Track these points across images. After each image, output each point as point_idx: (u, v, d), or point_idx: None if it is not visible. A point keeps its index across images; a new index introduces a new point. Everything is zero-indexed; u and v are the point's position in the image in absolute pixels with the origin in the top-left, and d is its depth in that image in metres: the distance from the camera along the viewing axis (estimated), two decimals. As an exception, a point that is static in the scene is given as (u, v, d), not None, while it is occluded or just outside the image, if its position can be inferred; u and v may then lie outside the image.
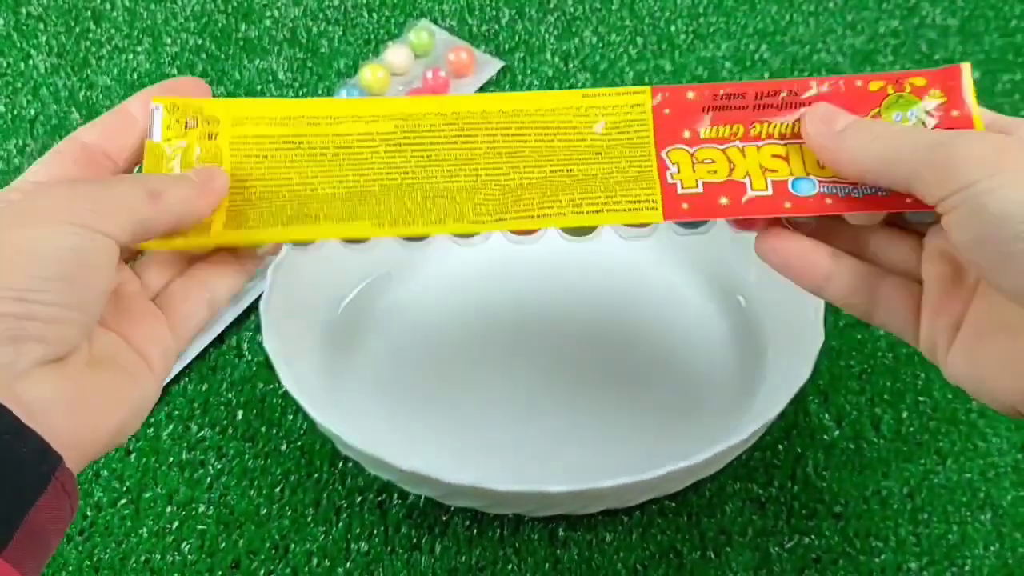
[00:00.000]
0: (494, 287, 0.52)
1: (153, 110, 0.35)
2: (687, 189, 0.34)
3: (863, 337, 0.51)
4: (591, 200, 0.34)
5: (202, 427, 0.49)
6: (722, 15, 0.68)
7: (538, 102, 0.36)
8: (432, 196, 0.35)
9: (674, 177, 0.34)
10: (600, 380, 0.49)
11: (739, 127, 0.35)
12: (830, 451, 0.47)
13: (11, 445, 0.27)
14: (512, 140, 0.35)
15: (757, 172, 0.34)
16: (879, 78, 0.35)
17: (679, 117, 0.35)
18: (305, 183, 0.35)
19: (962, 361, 0.32)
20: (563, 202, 0.34)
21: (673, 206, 0.34)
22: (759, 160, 0.34)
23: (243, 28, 0.68)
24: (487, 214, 0.34)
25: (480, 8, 0.69)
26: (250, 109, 0.36)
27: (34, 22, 0.69)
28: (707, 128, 0.35)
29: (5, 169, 0.60)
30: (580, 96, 0.36)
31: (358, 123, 0.36)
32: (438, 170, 0.35)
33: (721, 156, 0.35)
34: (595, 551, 0.44)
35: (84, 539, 0.45)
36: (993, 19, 0.67)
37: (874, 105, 0.34)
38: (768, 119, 0.35)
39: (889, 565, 0.44)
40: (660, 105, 0.35)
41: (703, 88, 0.35)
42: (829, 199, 0.33)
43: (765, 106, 0.35)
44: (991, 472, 0.46)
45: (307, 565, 0.44)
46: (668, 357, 0.50)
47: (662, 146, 0.35)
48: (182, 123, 0.35)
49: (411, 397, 0.48)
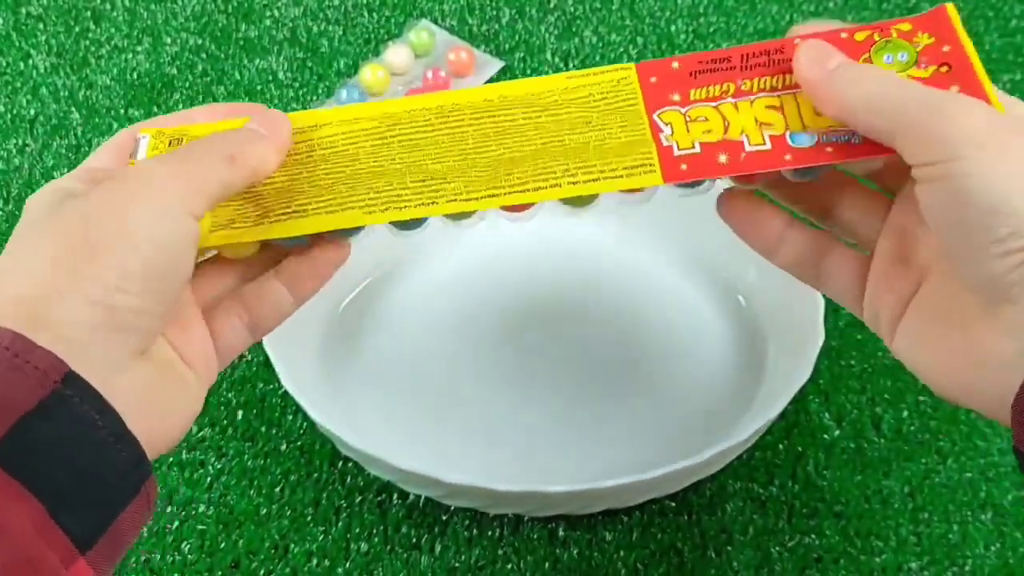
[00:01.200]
0: (494, 288, 0.52)
1: (139, 139, 0.35)
2: (684, 150, 0.33)
3: (863, 337, 0.51)
4: (586, 169, 0.34)
5: (202, 427, 0.49)
6: (722, 15, 0.68)
7: (524, 88, 0.36)
8: (422, 178, 0.34)
9: (669, 139, 0.34)
10: (600, 380, 0.49)
11: (729, 84, 0.34)
12: (831, 451, 0.47)
13: (113, 448, 0.26)
14: (500, 119, 0.35)
15: (753, 127, 0.34)
16: (863, 28, 0.34)
17: (666, 83, 0.35)
18: (291, 180, 0.35)
19: (908, 344, 0.31)
20: (558, 173, 0.34)
21: (671, 167, 0.33)
22: (754, 114, 0.34)
23: (243, 28, 0.68)
24: (480, 191, 0.34)
25: (480, 8, 0.69)
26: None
27: (34, 22, 0.69)
28: (696, 89, 0.34)
29: (5, 169, 0.60)
30: (565, 78, 0.36)
31: (341, 125, 0.36)
32: (425, 154, 0.35)
33: (714, 113, 0.34)
34: (595, 551, 0.44)
35: (84, 539, 0.45)
36: (993, 19, 0.67)
37: (863, 52, 0.34)
38: (758, 76, 0.34)
39: (890, 564, 0.44)
40: (645, 75, 0.35)
41: (687, 58, 0.35)
42: (829, 147, 0.33)
43: (753, 66, 0.35)
44: (992, 471, 0.46)
45: (307, 565, 0.44)
46: (668, 357, 0.49)
47: (653, 109, 0.34)
48: (166, 144, 0.35)
49: (411, 397, 0.48)
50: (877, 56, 0.34)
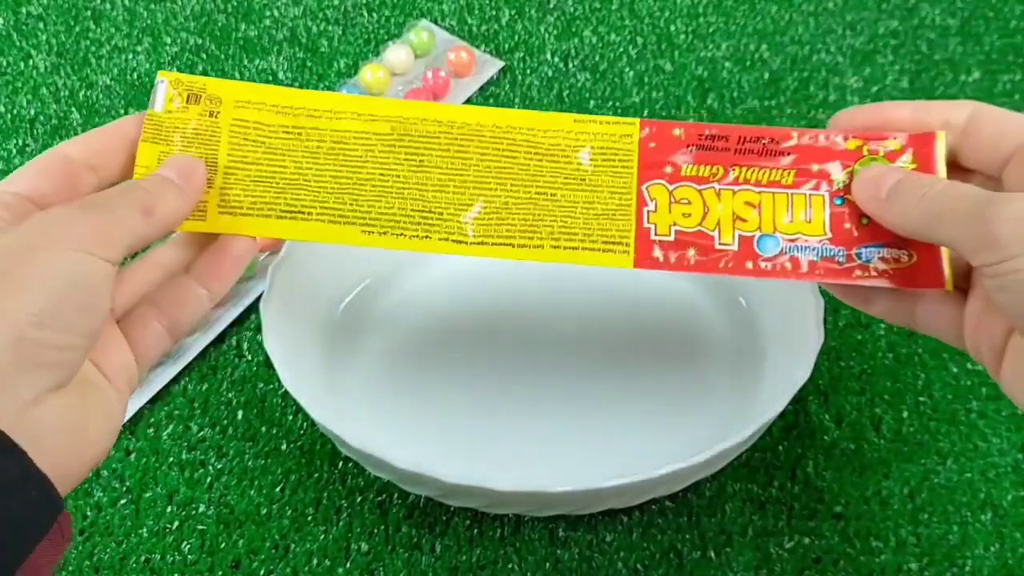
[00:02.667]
0: (494, 288, 0.52)
1: (158, 83, 0.36)
2: (660, 235, 0.36)
3: (863, 337, 0.51)
4: (569, 235, 0.36)
5: (202, 427, 0.49)
6: (722, 15, 0.68)
7: (531, 121, 0.37)
8: (421, 209, 0.36)
9: (650, 219, 0.36)
10: (600, 380, 0.49)
11: (719, 168, 0.36)
12: (830, 451, 0.47)
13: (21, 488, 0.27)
14: (503, 156, 0.37)
15: (728, 221, 0.36)
16: (859, 136, 0.36)
17: (664, 151, 0.37)
18: (299, 173, 0.36)
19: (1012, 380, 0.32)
20: (543, 234, 0.36)
21: (644, 252, 0.36)
22: (733, 206, 0.36)
23: (243, 28, 0.68)
24: (472, 234, 0.36)
25: (480, 8, 0.69)
26: (253, 94, 0.37)
27: (34, 22, 0.69)
28: (688, 165, 0.37)
29: (5, 169, 0.60)
30: (571, 120, 0.37)
31: (356, 121, 0.37)
32: (429, 177, 0.36)
33: (697, 197, 0.36)
34: (595, 551, 0.44)
35: (84, 539, 0.45)
36: (993, 19, 0.67)
37: (849, 163, 0.36)
38: (748, 164, 0.36)
39: (889, 565, 0.44)
40: (647, 138, 0.37)
41: (689, 126, 0.37)
42: (788, 262, 0.35)
43: (746, 151, 0.37)
44: (991, 472, 0.46)
45: (307, 565, 0.44)
46: (668, 357, 0.49)
47: (644, 179, 0.36)
48: (184, 96, 0.36)
49: (411, 397, 0.48)
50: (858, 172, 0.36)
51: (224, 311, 0.52)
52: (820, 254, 0.35)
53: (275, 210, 0.36)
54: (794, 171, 0.36)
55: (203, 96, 0.36)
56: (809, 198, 0.36)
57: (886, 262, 0.35)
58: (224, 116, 0.36)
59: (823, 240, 0.36)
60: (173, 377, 0.50)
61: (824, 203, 0.36)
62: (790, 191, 0.36)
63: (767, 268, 0.36)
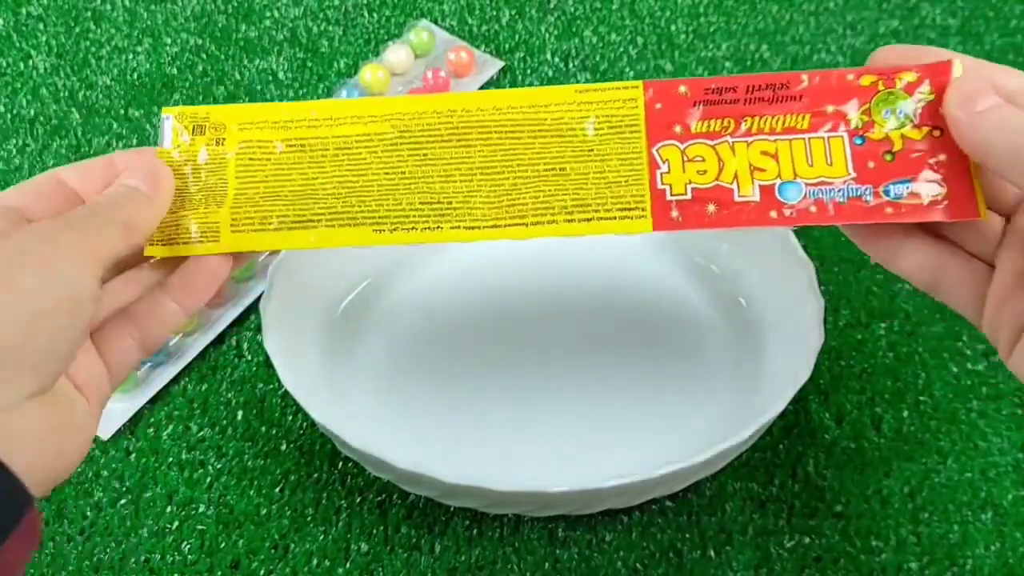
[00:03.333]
0: (493, 287, 0.52)
1: (164, 119, 0.37)
2: (676, 195, 0.35)
3: (863, 337, 0.51)
4: (582, 207, 0.35)
5: (202, 427, 0.49)
6: (722, 15, 0.68)
7: (532, 98, 0.36)
8: (429, 200, 0.36)
9: (664, 180, 0.35)
10: (600, 380, 0.49)
11: (730, 121, 0.35)
12: (830, 451, 0.47)
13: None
14: (507, 137, 0.36)
15: (745, 173, 0.35)
16: (871, 72, 0.35)
17: (671, 111, 0.36)
18: (307, 183, 0.36)
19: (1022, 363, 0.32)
20: (555, 208, 0.35)
21: (662, 213, 0.35)
22: (748, 157, 0.35)
23: (243, 28, 0.68)
24: (483, 219, 0.36)
25: (480, 8, 0.69)
26: (254, 114, 0.37)
27: (34, 22, 0.69)
28: (698, 122, 0.35)
29: (5, 169, 0.60)
30: (574, 91, 0.36)
31: (357, 124, 0.37)
32: (434, 169, 0.36)
33: (711, 153, 0.35)
34: (595, 551, 0.44)
35: (84, 539, 0.45)
36: (993, 19, 0.67)
37: (865, 100, 0.35)
38: (759, 113, 0.35)
39: (890, 565, 0.44)
40: (652, 99, 0.36)
41: (694, 82, 0.36)
42: (814, 206, 0.34)
43: (756, 99, 0.35)
44: (992, 471, 0.46)
45: (307, 565, 0.44)
46: (668, 357, 0.49)
47: (654, 142, 0.35)
48: (190, 129, 0.37)
49: (411, 397, 0.48)
50: (876, 109, 0.35)
51: (224, 311, 0.52)
52: (847, 195, 0.34)
53: (285, 222, 0.36)
54: (809, 115, 0.35)
55: (207, 125, 0.37)
56: (828, 140, 0.35)
57: (915, 197, 0.34)
58: (230, 141, 0.37)
59: (848, 180, 0.34)
60: (173, 377, 0.50)
61: (844, 144, 0.35)
62: (807, 135, 0.35)
63: (791, 215, 0.34)
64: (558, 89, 0.36)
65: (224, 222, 0.36)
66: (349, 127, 0.37)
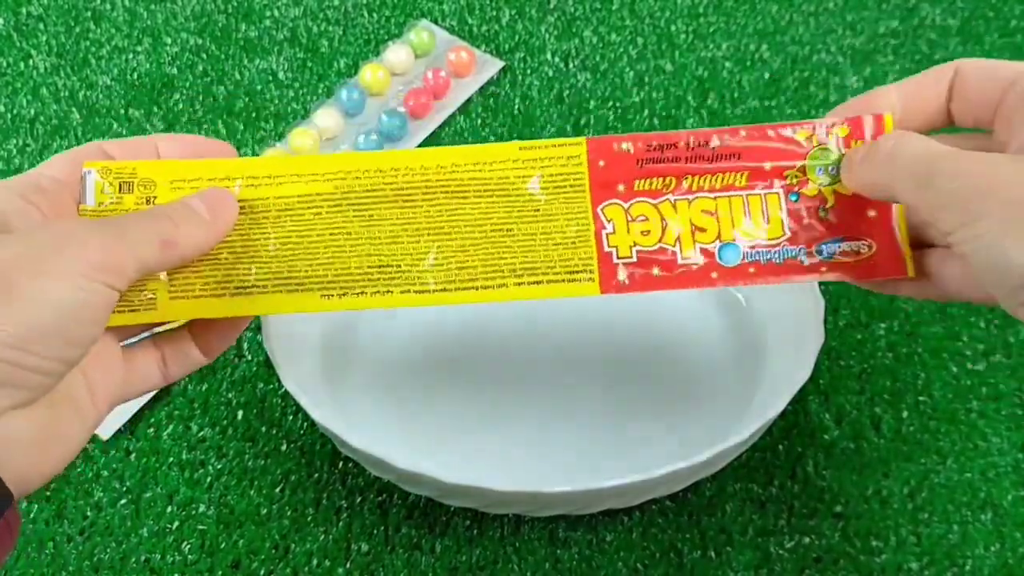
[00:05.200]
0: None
1: (85, 174, 0.34)
2: (622, 258, 0.35)
3: (863, 337, 0.51)
4: (531, 270, 0.35)
5: (202, 427, 0.49)
6: (722, 15, 0.68)
7: (475, 155, 0.36)
8: (378, 264, 0.35)
9: (611, 242, 0.35)
10: (600, 380, 0.49)
11: (671, 179, 0.36)
12: (830, 451, 0.47)
13: None
14: (453, 197, 0.36)
15: (687, 235, 0.35)
16: (807, 124, 0.36)
17: (613, 169, 0.36)
18: (248, 245, 0.35)
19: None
20: (504, 272, 0.35)
21: (609, 276, 0.35)
22: (690, 216, 0.36)
23: (243, 28, 0.68)
24: (433, 282, 0.35)
25: (480, 8, 0.69)
26: (188, 171, 0.35)
27: (34, 22, 0.69)
28: (641, 180, 0.36)
29: (5, 169, 0.60)
30: (516, 148, 0.36)
31: (298, 183, 0.36)
32: (380, 231, 0.35)
33: (654, 212, 0.36)
34: (595, 551, 0.44)
35: (84, 539, 0.45)
36: (993, 19, 0.67)
37: (800, 157, 0.36)
38: (699, 173, 0.36)
39: (889, 565, 0.44)
40: (595, 157, 0.36)
41: (636, 138, 0.36)
42: (752, 267, 0.36)
43: (696, 157, 0.36)
44: (991, 472, 0.46)
45: (307, 565, 0.44)
46: (668, 357, 0.49)
47: (598, 201, 0.36)
48: (115, 186, 0.34)
49: (411, 397, 0.48)
50: (811, 166, 0.36)
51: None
52: (783, 256, 0.35)
53: (228, 288, 0.35)
54: (747, 172, 0.36)
55: (135, 182, 0.34)
56: (765, 198, 0.36)
57: (847, 255, 0.35)
58: (161, 200, 0.35)
59: (782, 242, 0.35)
60: (173, 377, 0.50)
61: (780, 201, 0.36)
62: (745, 192, 0.36)
63: (731, 278, 0.36)
64: (500, 146, 0.36)
65: (161, 289, 0.34)
66: (290, 186, 0.35)
